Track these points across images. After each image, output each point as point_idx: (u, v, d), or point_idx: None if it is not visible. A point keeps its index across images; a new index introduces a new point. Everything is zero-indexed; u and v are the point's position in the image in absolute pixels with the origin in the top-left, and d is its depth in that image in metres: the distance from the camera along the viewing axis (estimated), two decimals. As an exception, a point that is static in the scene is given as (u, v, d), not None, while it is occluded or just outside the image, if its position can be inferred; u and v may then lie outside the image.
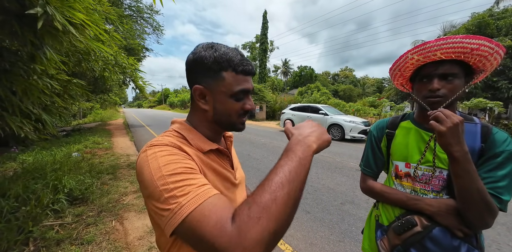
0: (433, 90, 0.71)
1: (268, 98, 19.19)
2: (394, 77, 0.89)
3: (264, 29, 28.43)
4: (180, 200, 0.39)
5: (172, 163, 0.44)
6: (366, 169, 0.99)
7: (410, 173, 0.82)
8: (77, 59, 3.11)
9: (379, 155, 0.95)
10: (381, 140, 0.95)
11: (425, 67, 0.75)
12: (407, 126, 0.88)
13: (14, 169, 3.91)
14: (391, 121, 0.94)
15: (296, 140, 0.48)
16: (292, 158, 0.43)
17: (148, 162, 0.45)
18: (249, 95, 0.59)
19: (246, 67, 0.55)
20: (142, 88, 5.38)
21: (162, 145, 0.49)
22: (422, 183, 0.79)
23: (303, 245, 2.11)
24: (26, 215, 2.19)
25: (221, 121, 0.59)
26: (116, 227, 2.33)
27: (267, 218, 0.35)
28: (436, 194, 0.76)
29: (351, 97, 34.91)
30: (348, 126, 8.14)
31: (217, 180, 0.56)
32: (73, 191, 2.86)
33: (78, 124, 12.19)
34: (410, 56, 0.75)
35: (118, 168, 4.34)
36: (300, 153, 0.44)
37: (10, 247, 1.83)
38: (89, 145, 6.43)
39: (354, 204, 2.97)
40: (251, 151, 6.04)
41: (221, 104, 0.56)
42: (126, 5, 11.01)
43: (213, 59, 0.53)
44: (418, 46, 0.73)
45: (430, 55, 0.71)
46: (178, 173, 0.43)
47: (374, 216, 0.95)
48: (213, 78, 0.54)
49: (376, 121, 1.02)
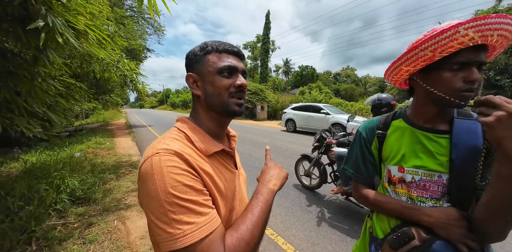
0: (475, 81, 0.58)
1: (269, 98, 19.18)
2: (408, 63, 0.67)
3: (266, 29, 28.37)
4: (185, 228, 0.43)
5: (179, 185, 0.45)
6: (357, 175, 0.88)
7: (405, 178, 0.72)
8: (79, 61, 3.14)
9: (370, 159, 0.85)
10: (371, 142, 0.84)
11: (461, 53, 0.58)
12: (399, 125, 0.78)
13: (17, 169, 3.95)
14: (383, 121, 0.84)
15: (262, 184, 0.63)
16: (262, 200, 0.57)
17: (154, 175, 0.45)
18: (238, 73, 0.60)
19: (228, 47, 0.59)
20: (142, 91, 5.39)
21: (169, 153, 0.48)
22: (419, 190, 0.70)
23: (305, 244, 2.11)
24: (29, 214, 2.21)
25: (213, 103, 0.58)
26: (118, 226, 2.34)
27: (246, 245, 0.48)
28: (436, 201, 0.68)
29: (352, 97, 34.79)
30: (350, 125, 8.10)
31: (220, 181, 0.56)
32: (76, 191, 2.87)
33: (81, 125, 12.26)
34: (462, 31, 0.55)
35: (120, 167, 4.36)
36: (266, 195, 0.59)
37: (13, 247, 1.84)
38: (92, 145, 6.47)
39: (355, 203, 2.95)
40: (252, 151, 6.04)
41: (211, 85, 0.58)
42: (127, 6, 11.06)
43: (198, 48, 0.60)
44: (476, 19, 0.54)
45: (488, 35, 0.54)
46: (184, 199, 0.45)
47: (368, 229, 0.86)
48: (200, 63, 0.59)
49: (365, 122, 0.90)
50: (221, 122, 0.63)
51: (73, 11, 1.90)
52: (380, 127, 0.83)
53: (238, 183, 0.65)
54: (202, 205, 0.46)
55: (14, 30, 1.81)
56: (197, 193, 0.47)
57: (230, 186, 0.60)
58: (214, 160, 0.58)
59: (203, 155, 0.55)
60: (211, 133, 0.61)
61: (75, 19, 1.90)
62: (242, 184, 0.69)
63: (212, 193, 0.52)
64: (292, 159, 5.22)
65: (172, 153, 0.48)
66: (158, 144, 0.51)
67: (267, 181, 0.64)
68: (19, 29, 1.78)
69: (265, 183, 0.63)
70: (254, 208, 0.54)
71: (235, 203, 0.61)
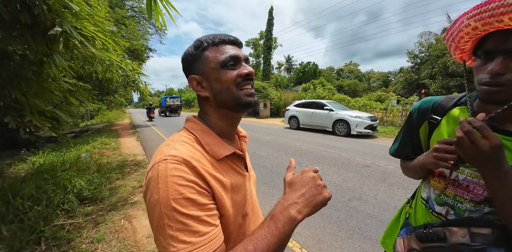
0: (492, 73, 0.50)
1: (272, 96, 19.11)
2: (450, 49, 0.66)
3: (269, 25, 27.95)
4: (179, 247, 0.40)
5: (181, 197, 0.42)
6: (401, 155, 0.86)
7: (446, 173, 0.65)
8: (81, 63, 3.17)
9: (417, 143, 0.77)
10: (419, 126, 0.75)
11: (489, 38, 0.52)
12: (460, 115, 0.65)
13: (25, 170, 4.02)
14: (441, 104, 0.70)
15: (282, 206, 0.47)
16: (273, 232, 0.43)
17: (159, 184, 0.43)
18: (241, 62, 0.56)
19: (223, 37, 0.55)
20: (144, 91, 5.42)
21: (176, 161, 0.45)
22: (460, 189, 0.62)
23: (311, 242, 2.10)
24: (38, 215, 2.25)
25: (224, 100, 0.55)
26: (125, 225, 2.36)
27: None
28: (475, 204, 0.60)
29: (356, 92, 34.47)
30: (354, 121, 8.02)
31: (233, 184, 0.55)
32: (83, 191, 2.92)
33: (86, 125, 12.43)
34: (465, 22, 0.53)
35: (125, 167, 4.41)
36: (281, 225, 0.44)
37: (22, 247, 1.88)
38: (97, 145, 6.55)
39: (362, 200, 2.93)
40: (256, 148, 6.03)
41: (217, 82, 0.54)
42: (128, 6, 11.06)
43: (193, 47, 0.56)
44: (477, 6, 0.50)
45: (494, 22, 0.48)
46: (184, 214, 0.42)
47: (405, 213, 0.83)
48: (200, 62, 0.55)
49: (422, 99, 0.78)
50: (233, 120, 0.60)
51: (81, 20, 2.03)
52: (436, 110, 0.71)
53: (249, 186, 0.62)
54: (202, 222, 0.43)
55: (23, 36, 1.92)
56: (199, 208, 0.44)
57: (241, 190, 0.57)
58: (224, 164, 0.55)
59: (214, 159, 0.53)
60: (222, 133, 0.59)
61: (82, 26, 2.02)
62: (253, 186, 0.67)
63: (222, 200, 0.49)
64: (296, 157, 5.21)
65: (179, 160, 0.45)
66: (167, 148, 0.49)
67: (290, 203, 0.47)
68: (28, 35, 1.87)
69: (286, 206, 0.47)
70: (259, 241, 0.43)
71: (247, 207, 0.59)
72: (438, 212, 0.67)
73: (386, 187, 3.34)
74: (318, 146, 6.44)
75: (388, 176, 3.84)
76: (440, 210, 0.67)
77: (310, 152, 5.66)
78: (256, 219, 0.63)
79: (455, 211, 0.63)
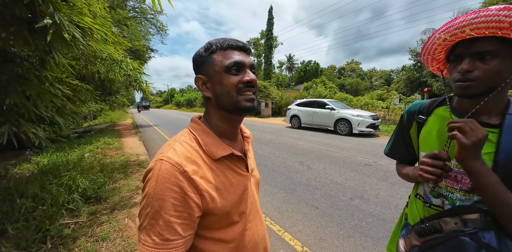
0: (462, 71, 0.61)
1: (273, 95, 19.09)
2: (427, 62, 0.78)
3: (269, 25, 27.96)
4: (145, 239, 0.47)
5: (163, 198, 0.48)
6: (396, 155, 0.93)
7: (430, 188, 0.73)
8: (84, 62, 3.19)
9: (409, 142, 0.86)
10: (410, 127, 0.84)
11: (457, 46, 0.65)
12: (443, 114, 0.75)
13: (29, 170, 4.07)
14: (427, 105, 0.81)
15: None
16: None
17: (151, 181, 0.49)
18: (246, 69, 0.57)
19: (232, 43, 0.57)
20: (146, 90, 5.45)
21: (170, 163, 0.50)
22: (450, 180, 0.69)
23: (312, 240, 2.11)
24: (43, 214, 2.28)
25: (224, 103, 0.57)
26: (128, 224, 2.39)
27: None
28: (465, 193, 0.66)
29: (358, 91, 34.30)
30: (355, 120, 8.00)
31: (227, 184, 0.57)
32: (87, 190, 2.96)
33: (89, 126, 12.51)
34: (437, 36, 0.67)
35: (128, 167, 4.45)
36: None
37: (29, 245, 1.91)
38: (100, 145, 6.61)
39: (363, 199, 2.94)
40: (257, 148, 6.05)
41: (219, 85, 0.56)
42: (130, 7, 11.10)
43: (203, 48, 0.59)
44: (446, 23, 0.64)
45: (458, 33, 0.61)
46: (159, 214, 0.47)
47: (404, 215, 0.88)
48: (207, 63, 0.58)
49: (411, 103, 0.89)
50: (232, 122, 0.62)
51: (77, 9, 1.94)
52: (423, 111, 0.81)
53: (249, 186, 0.64)
54: (170, 228, 0.47)
55: (21, 33, 1.85)
56: (174, 214, 0.47)
57: (236, 190, 0.59)
58: (221, 164, 0.57)
59: (210, 159, 0.56)
60: (222, 133, 0.61)
61: (79, 18, 1.93)
62: (254, 187, 0.68)
63: (212, 199, 0.53)
64: (298, 156, 5.22)
65: (172, 163, 0.49)
66: (168, 147, 0.54)
67: None
68: (26, 31, 1.82)
69: None
70: None
71: (244, 206, 0.61)
72: (436, 204, 0.72)
73: (388, 186, 3.34)
74: (319, 145, 6.45)
75: (389, 174, 3.83)
76: (437, 202, 0.71)
77: (312, 151, 5.67)
78: (254, 218, 0.65)
79: (449, 201, 0.68)
